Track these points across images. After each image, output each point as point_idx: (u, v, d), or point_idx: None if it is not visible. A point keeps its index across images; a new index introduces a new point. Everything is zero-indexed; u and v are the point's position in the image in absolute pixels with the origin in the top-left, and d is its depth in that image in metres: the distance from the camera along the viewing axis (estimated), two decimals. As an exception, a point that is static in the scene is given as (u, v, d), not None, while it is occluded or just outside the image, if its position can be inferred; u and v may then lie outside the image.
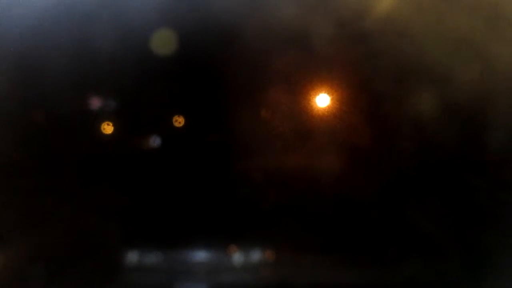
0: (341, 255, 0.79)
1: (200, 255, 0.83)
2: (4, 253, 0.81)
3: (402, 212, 0.78)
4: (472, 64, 0.74)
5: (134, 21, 0.74)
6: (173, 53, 0.74)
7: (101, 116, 0.80)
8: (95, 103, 0.80)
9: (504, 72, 0.75)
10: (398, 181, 0.78)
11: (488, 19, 0.76)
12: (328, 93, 0.80)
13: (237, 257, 0.82)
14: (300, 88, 0.80)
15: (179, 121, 0.82)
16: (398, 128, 0.77)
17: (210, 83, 0.79)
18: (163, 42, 0.74)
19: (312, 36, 0.74)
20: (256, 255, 0.82)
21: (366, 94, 0.78)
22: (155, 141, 0.82)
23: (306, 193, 0.80)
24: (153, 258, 0.83)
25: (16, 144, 0.81)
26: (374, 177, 0.78)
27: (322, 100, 0.80)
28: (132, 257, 0.82)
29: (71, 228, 0.80)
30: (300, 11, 0.75)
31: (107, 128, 0.81)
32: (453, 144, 0.76)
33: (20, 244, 0.81)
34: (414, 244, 0.77)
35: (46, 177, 0.80)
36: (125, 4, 0.75)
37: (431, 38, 0.75)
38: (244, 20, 0.73)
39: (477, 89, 0.75)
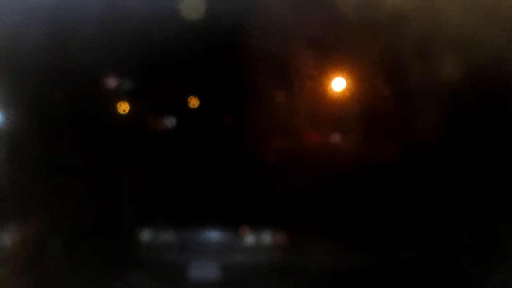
0: (354, 238, 0.79)
1: (213, 235, 0.84)
2: (20, 230, 0.82)
3: (419, 197, 0.78)
4: (500, 33, 0.72)
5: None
6: (192, 32, 0.74)
7: (118, 95, 0.80)
8: (112, 82, 0.80)
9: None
10: (416, 165, 0.77)
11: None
12: (346, 68, 0.79)
13: (249, 238, 0.83)
14: (320, 64, 0.79)
15: (193, 102, 0.82)
16: (418, 109, 0.77)
17: (228, 64, 0.79)
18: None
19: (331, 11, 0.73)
20: (268, 237, 0.83)
21: (388, 66, 0.77)
22: (171, 122, 0.82)
23: (320, 175, 0.80)
24: (166, 237, 0.84)
25: (33, 122, 0.81)
26: (391, 160, 0.78)
27: (341, 80, 0.79)
28: (146, 235, 0.83)
29: (86, 206, 0.81)
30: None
31: (124, 107, 0.81)
32: (479, 120, 0.75)
33: (36, 221, 0.82)
34: (428, 230, 0.77)
35: (63, 156, 0.80)
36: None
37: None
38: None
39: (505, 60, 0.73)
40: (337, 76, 0.80)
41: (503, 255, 0.76)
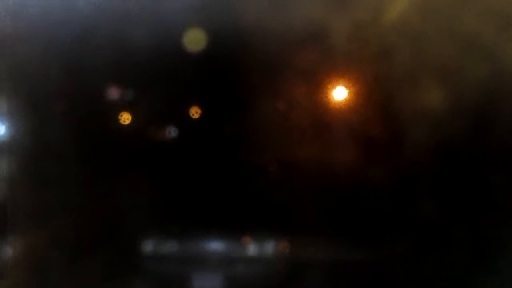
0: (356, 247, 0.80)
1: (216, 245, 0.84)
2: (23, 240, 0.82)
3: (416, 204, 0.79)
4: (484, 62, 0.76)
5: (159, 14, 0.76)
6: (194, 46, 0.76)
7: (121, 106, 0.82)
8: (116, 93, 0.81)
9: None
10: (412, 174, 0.79)
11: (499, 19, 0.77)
12: (344, 87, 0.82)
13: (251, 247, 0.83)
14: (317, 81, 0.81)
15: (196, 112, 0.83)
16: (412, 122, 0.79)
17: (229, 75, 0.81)
18: (183, 35, 0.76)
19: (328, 32, 0.76)
20: (270, 246, 0.83)
21: (382, 88, 0.79)
22: (172, 132, 0.84)
23: (321, 185, 0.81)
24: (169, 247, 0.84)
25: (36, 130, 0.82)
26: (388, 169, 0.79)
27: (338, 94, 0.82)
28: (148, 245, 0.83)
29: (89, 216, 0.82)
30: (317, 8, 0.77)
31: (126, 118, 0.83)
32: (466, 138, 0.77)
33: (39, 231, 0.82)
34: (428, 236, 0.78)
35: (66, 165, 0.81)
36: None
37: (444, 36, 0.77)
38: (263, 13, 0.75)
39: (490, 87, 0.76)
40: (335, 92, 0.82)
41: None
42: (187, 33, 0.77)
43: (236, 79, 0.80)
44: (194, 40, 0.77)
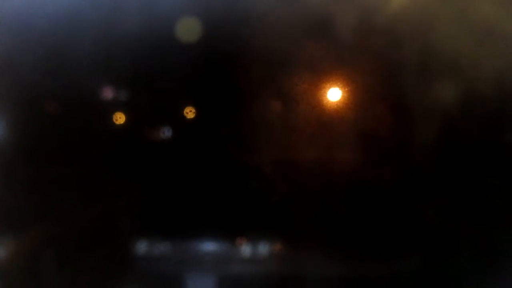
0: (350, 249, 0.80)
1: (209, 246, 0.83)
2: (15, 242, 0.82)
3: (415, 208, 0.78)
4: (497, 55, 0.73)
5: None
6: (190, 43, 0.75)
7: (114, 105, 0.80)
8: (109, 92, 0.80)
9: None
10: (412, 176, 0.78)
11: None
12: (344, 86, 0.80)
13: (245, 248, 0.83)
14: (316, 80, 0.80)
15: (190, 112, 0.82)
16: (414, 122, 0.77)
17: (226, 75, 0.79)
18: (180, 31, 0.74)
19: (330, 27, 0.74)
20: (264, 248, 0.82)
21: (385, 85, 0.78)
22: (167, 132, 0.82)
23: (316, 186, 0.80)
24: (162, 248, 0.83)
25: (28, 132, 0.81)
26: (386, 171, 0.78)
27: (338, 93, 0.80)
28: (142, 247, 0.83)
29: (81, 217, 0.81)
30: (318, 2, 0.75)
31: (119, 118, 0.81)
32: (474, 138, 0.75)
33: (31, 233, 0.81)
34: (425, 240, 0.77)
35: (58, 167, 0.80)
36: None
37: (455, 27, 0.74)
38: (260, 10, 0.73)
39: (501, 82, 0.74)
40: (331, 89, 0.80)
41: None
42: (181, 28, 0.76)
43: (232, 77, 0.79)
44: (188, 31, 0.75)
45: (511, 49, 0.74)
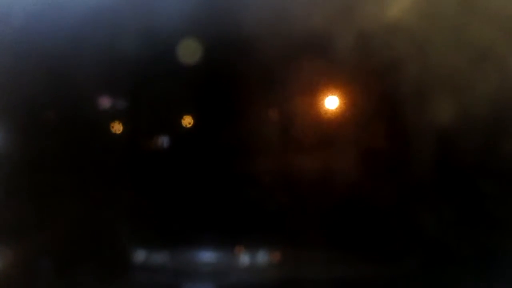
0: (349, 257, 0.80)
1: (208, 255, 0.83)
2: (12, 251, 0.82)
3: (411, 216, 0.78)
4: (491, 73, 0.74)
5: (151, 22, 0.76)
6: (187, 55, 0.75)
7: (112, 115, 0.81)
8: (107, 102, 0.81)
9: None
10: (407, 185, 0.78)
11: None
12: (339, 97, 0.81)
13: (244, 257, 0.83)
14: (313, 92, 0.81)
15: (189, 121, 0.83)
16: (407, 133, 0.78)
17: (222, 85, 0.80)
18: (177, 44, 0.75)
19: (325, 42, 0.75)
20: (263, 256, 0.83)
21: (380, 100, 0.79)
22: (165, 141, 0.83)
23: (314, 195, 0.80)
24: (160, 257, 0.83)
25: (27, 141, 0.82)
26: (382, 181, 0.78)
27: (333, 105, 0.81)
28: (140, 256, 0.83)
29: (79, 226, 0.81)
30: (313, 18, 0.76)
31: (117, 127, 0.82)
32: (469, 151, 0.76)
33: (28, 241, 0.81)
34: (422, 247, 0.77)
35: (56, 175, 0.80)
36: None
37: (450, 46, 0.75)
38: (257, 23, 0.74)
39: (495, 98, 0.75)
40: (329, 97, 0.81)
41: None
42: (181, 42, 0.77)
43: (230, 89, 0.80)
44: (188, 48, 0.76)
45: (506, 69, 0.75)
